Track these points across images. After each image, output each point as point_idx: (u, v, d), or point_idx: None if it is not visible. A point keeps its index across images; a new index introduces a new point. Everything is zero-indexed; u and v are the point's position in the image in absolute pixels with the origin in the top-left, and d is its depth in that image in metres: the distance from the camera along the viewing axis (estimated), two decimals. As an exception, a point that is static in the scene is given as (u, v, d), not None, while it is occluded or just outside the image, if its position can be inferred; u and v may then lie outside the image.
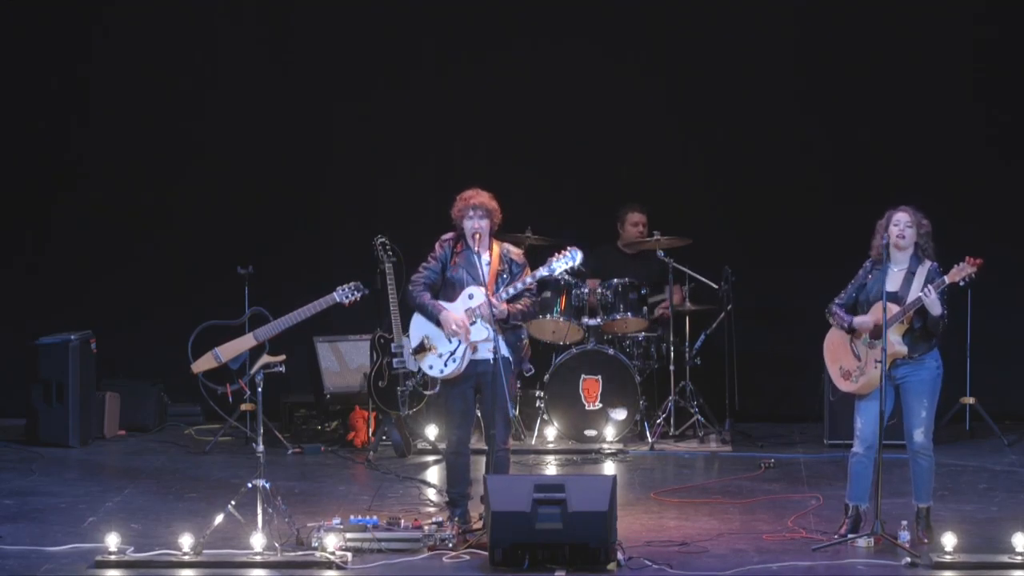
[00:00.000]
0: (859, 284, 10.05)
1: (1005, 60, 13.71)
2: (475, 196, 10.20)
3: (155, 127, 14.11)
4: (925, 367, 9.93)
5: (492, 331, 10.04)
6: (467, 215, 10.17)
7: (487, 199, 10.22)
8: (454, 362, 10.17)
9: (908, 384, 9.92)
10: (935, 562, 9.48)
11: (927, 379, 9.93)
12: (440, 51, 14.10)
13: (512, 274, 10.23)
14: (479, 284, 10.15)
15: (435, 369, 10.24)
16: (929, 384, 9.92)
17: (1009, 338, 13.76)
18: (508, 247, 10.35)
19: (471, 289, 10.18)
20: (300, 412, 13.49)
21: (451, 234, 10.34)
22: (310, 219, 14.13)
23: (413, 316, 10.35)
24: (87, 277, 14.05)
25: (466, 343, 10.10)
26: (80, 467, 12.42)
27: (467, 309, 10.15)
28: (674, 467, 12.47)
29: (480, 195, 10.21)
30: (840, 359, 10.05)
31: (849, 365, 9.99)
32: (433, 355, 10.23)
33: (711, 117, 13.97)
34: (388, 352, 12.53)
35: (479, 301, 10.13)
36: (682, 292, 13.27)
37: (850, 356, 9.99)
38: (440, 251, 10.29)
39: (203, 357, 11.95)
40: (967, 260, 9.78)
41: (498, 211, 10.24)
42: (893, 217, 9.95)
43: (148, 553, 9.63)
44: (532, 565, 9.40)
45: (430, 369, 10.27)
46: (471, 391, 10.27)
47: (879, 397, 9.81)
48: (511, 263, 10.27)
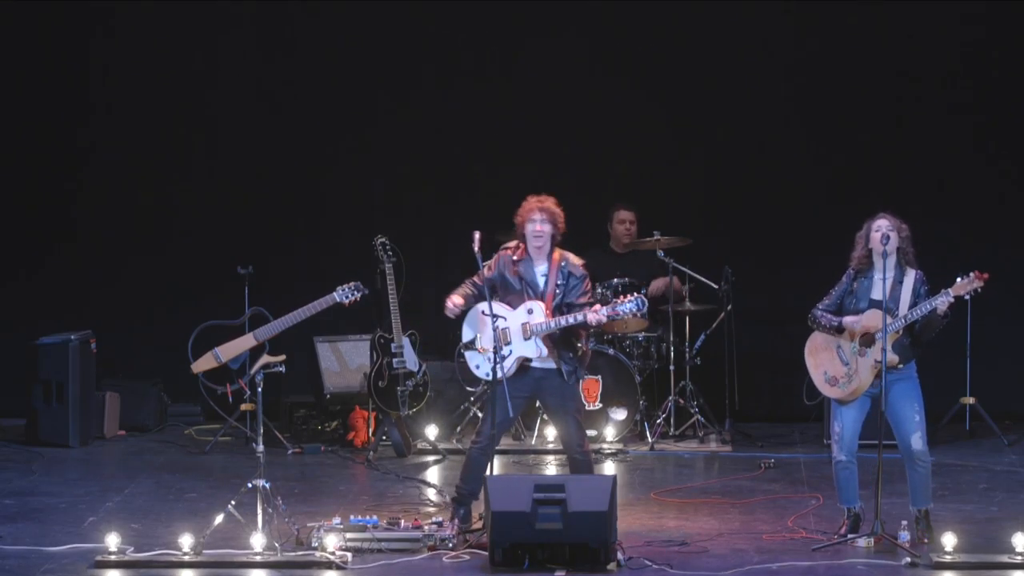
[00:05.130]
0: (843, 291, 10.00)
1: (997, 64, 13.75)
2: (542, 201, 10.14)
3: (156, 127, 14.12)
4: (909, 377, 9.93)
5: (543, 351, 9.99)
6: (531, 219, 10.10)
7: (552, 204, 10.16)
8: (501, 371, 10.03)
9: (896, 392, 9.87)
10: (935, 562, 9.47)
11: (912, 386, 9.93)
12: (440, 53, 14.10)
13: (569, 286, 10.15)
14: (538, 296, 10.12)
15: (481, 370, 10.22)
16: (915, 390, 9.93)
17: (1009, 338, 13.77)
18: (569, 257, 10.23)
19: (531, 304, 10.09)
20: (300, 412, 13.49)
21: (512, 242, 10.25)
22: (310, 219, 14.14)
23: (469, 312, 10.25)
24: (87, 277, 14.07)
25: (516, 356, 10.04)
26: (80, 467, 12.42)
27: (524, 323, 10.09)
28: (674, 467, 12.47)
29: (547, 200, 10.16)
30: (824, 365, 10.01)
31: (835, 371, 9.96)
32: (482, 356, 10.19)
33: (711, 117, 13.98)
34: (388, 352, 12.53)
35: (539, 320, 10.06)
36: (682, 292, 13.26)
37: (836, 362, 9.96)
38: (499, 260, 10.19)
39: (203, 357, 11.95)
40: (975, 274, 9.75)
41: (562, 218, 10.16)
42: (873, 224, 9.92)
43: (148, 553, 9.63)
44: (532, 565, 9.40)
45: (476, 368, 10.25)
46: (523, 396, 10.22)
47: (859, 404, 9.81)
48: (570, 275, 10.18)
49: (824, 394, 10.05)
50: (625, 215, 13.56)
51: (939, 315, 9.75)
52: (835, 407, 9.99)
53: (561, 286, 10.13)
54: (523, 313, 10.09)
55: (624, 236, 13.51)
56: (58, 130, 14.16)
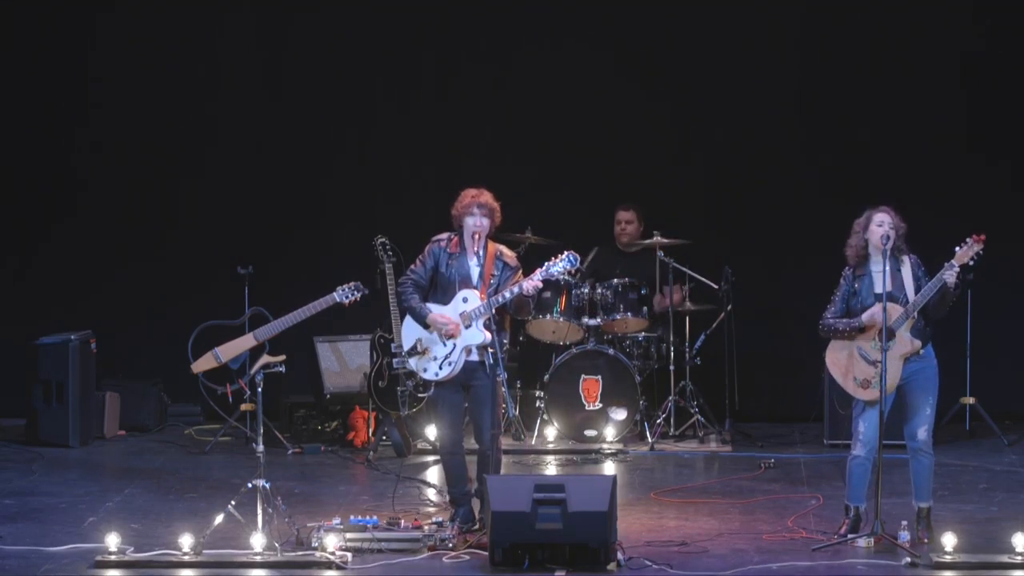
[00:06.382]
0: (846, 293, 9.99)
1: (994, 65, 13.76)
2: (480, 195, 10.20)
3: (156, 127, 14.12)
4: (929, 363, 9.91)
5: (487, 335, 10.03)
6: (471, 212, 10.17)
7: (490, 198, 10.22)
8: (449, 365, 10.16)
9: (915, 381, 9.88)
10: (935, 562, 9.47)
11: (932, 376, 9.92)
12: (441, 54, 14.10)
13: (503, 277, 10.22)
14: (472, 286, 10.16)
15: (430, 372, 10.23)
16: (933, 380, 9.92)
17: (1009, 338, 13.77)
18: (502, 249, 10.33)
19: (465, 292, 10.17)
20: (300, 412, 13.48)
21: (445, 234, 10.33)
22: (310, 219, 14.13)
23: (405, 319, 10.35)
24: (87, 277, 14.06)
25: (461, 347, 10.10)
26: (80, 467, 12.42)
27: (461, 313, 10.14)
28: (674, 467, 12.47)
29: (484, 194, 10.22)
30: (852, 371, 9.93)
31: (864, 374, 9.88)
32: (427, 358, 10.22)
33: (711, 117, 13.98)
34: (388, 352, 12.52)
35: (474, 304, 10.13)
36: (682, 292, 13.28)
37: (862, 364, 9.89)
38: (431, 252, 10.29)
39: (203, 357, 11.93)
40: (972, 237, 9.75)
41: (499, 211, 10.24)
42: (875, 217, 9.89)
43: (148, 553, 9.63)
44: (532, 565, 9.40)
45: (424, 372, 10.26)
46: (461, 391, 10.27)
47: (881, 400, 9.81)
48: (504, 266, 10.25)
49: (860, 398, 9.92)
50: (622, 215, 13.56)
51: (950, 289, 9.73)
52: (863, 408, 9.93)
53: (496, 276, 10.20)
54: (459, 303, 10.16)
55: (622, 236, 13.51)
56: (58, 130, 14.15)
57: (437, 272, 10.25)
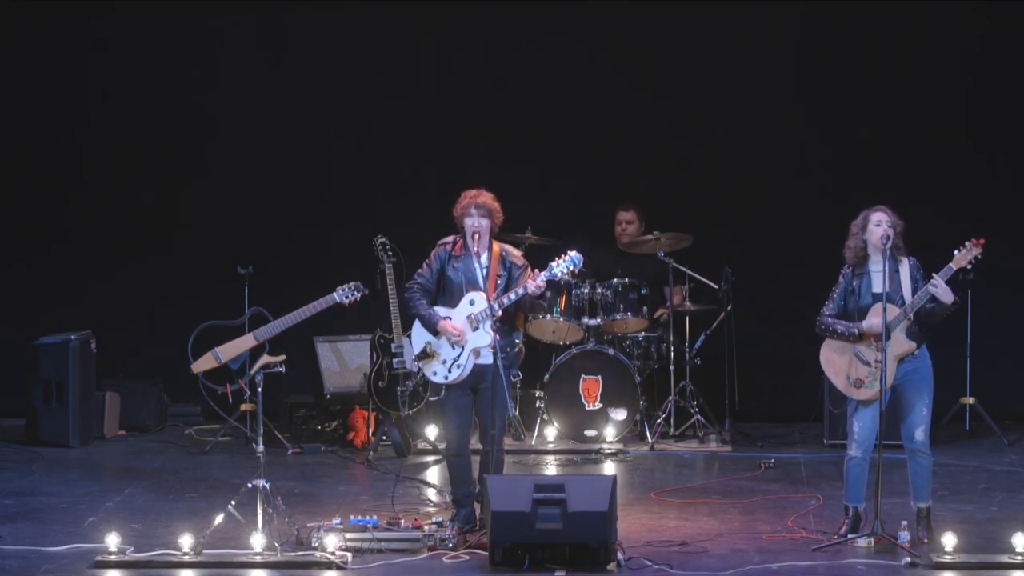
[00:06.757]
0: (845, 291, 9.98)
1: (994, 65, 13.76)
2: (478, 195, 10.20)
3: (156, 127, 14.12)
4: (924, 363, 9.92)
5: (493, 337, 10.03)
6: (469, 213, 10.17)
7: (489, 199, 10.22)
8: (459, 368, 10.16)
9: (910, 381, 9.89)
10: (935, 562, 9.47)
11: (926, 376, 9.92)
12: (441, 53, 14.10)
13: (512, 277, 10.22)
14: (478, 288, 10.15)
15: (439, 375, 10.23)
16: (928, 380, 9.92)
17: (1009, 338, 13.77)
18: (508, 249, 10.33)
19: (472, 295, 10.17)
20: (300, 412, 13.48)
21: (450, 237, 10.33)
22: (310, 219, 14.13)
23: (415, 323, 10.35)
24: (87, 277, 14.06)
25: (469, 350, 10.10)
26: (80, 467, 12.42)
27: (469, 316, 10.14)
28: (674, 467, 12.47)
29: (483, 194, 10.22)
30: (846, 370, 9.95)
31: (858, 373, 9.89)
32: (437, 362, 10.22)
33: (711, 117, 13.98)
34: (388, 352, 12.52)
35: (481, 307, 10.12)
36: (682, 292, 13.27)
37: (856, 364, 9.89)
38: (437, 255, 10.29)
39: (203, 357, 11.94)
40: (971, 241, 9.75)
41: (499, 212, 10.24)
42: (873, 217, 9.89)
43: (148, 553, 9.63)
44: (532, 565, 9.40)
45: (434, 376, 10.26)
46: (469, 393, 10.27)
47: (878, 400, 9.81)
48: (511, 266, 10.26)
49: (852, 397, 9.93)
50: (622, 215, 13.56)
51: (942, 301, 9.71)
52: (856, 407, 9.95)
53: (503, 276, 10.20)
54: (466, 306, 10.16)
55: (621, 236, 13.51)
56: (58, 130, 14.15)
57: (443, 275, 10.24)
